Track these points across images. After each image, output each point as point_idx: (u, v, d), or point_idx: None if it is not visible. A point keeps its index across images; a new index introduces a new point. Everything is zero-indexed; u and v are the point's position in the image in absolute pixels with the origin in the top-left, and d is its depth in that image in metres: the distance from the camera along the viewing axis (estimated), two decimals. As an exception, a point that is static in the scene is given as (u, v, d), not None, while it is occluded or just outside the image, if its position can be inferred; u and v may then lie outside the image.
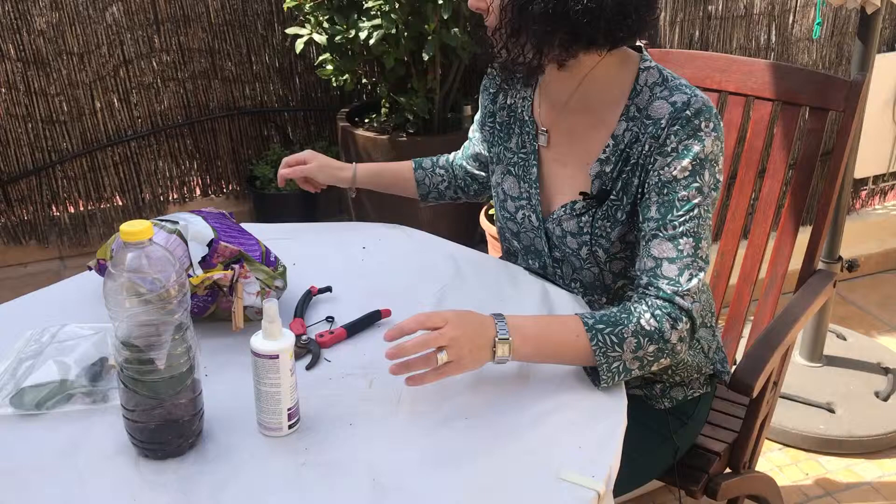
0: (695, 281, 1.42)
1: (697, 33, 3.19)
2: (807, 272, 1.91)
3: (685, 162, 1.42)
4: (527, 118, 1.62)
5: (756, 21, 3.24)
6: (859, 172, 3.33)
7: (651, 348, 1.38)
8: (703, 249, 1.44)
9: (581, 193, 1.53)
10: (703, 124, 1.42)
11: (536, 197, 1.60)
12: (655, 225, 1.43)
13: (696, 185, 1.42)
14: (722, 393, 1.87)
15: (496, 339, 1.33)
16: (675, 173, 1.42)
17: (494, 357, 1.33)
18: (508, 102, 1.66)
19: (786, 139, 1.93)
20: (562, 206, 1.57)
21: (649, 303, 1.41)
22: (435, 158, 1.93)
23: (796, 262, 1.92)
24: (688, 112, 1.42)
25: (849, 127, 1.84)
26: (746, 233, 2.01)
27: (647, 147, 1.46)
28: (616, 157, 1.50)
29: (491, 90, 1.70)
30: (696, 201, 1.42)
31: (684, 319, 1.41)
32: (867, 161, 3.39)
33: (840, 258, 2.65)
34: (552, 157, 1.60)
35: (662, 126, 1.44)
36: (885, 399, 2.70)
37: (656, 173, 1.44)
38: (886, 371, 2.80)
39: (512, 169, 1.64)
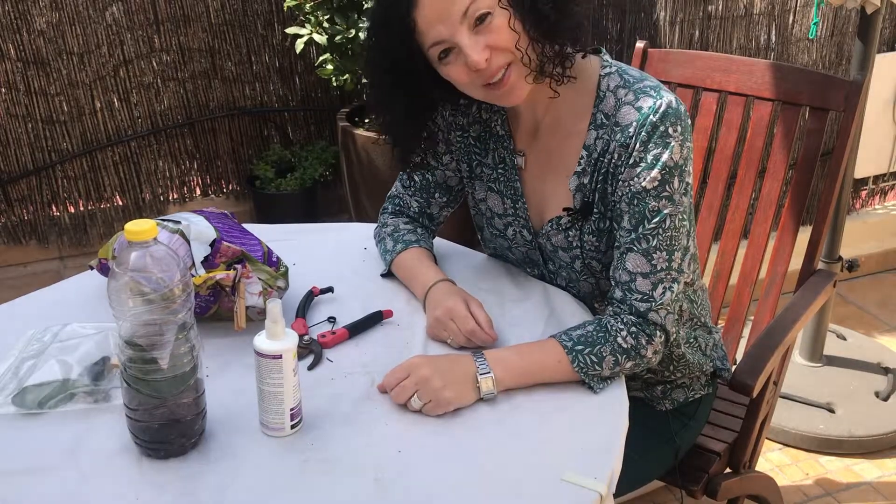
0: (668, 294, 1.43)
1: (697, 33, 3.19)
2: (807, 272, 1.91)
3: (654, 172, 1.40)
4: (502, 133, 1.58)
5: (756, 21, 3.24)
6: (859, 172, 3.33)
7: (628, 364, 1.41)
8: (677, 260, 1.43)
9: (565, 209, 1.52)
10: (670, 129, 1.40)
11: (525, 211, 1.58)
12: (629, 237, 1.43)
13: (665, 194, 1.40)
14: (722, 393, 1.87)
15: (477, 374, 1.34)
16: (644, 184, 1.40)
17: (480, 393, 1.35)
18: (483, 116, 1.60)
19: (786, 139, 1.93)
20: (549, 222, 1.55)
21: (624, 320, 1.43)
22: (420, 231, 1.71)
23: (796, 262, 1.92)
24: (653, 118, 1.39)
25: (849, 127, 1.84)
26: (746, 233, 2.01)
27: (616, 156, 1.44)
28: (591, 167, 1.48)
29: (462, 101, 1.60)
30: (667, 211, 1.41)
31: (658, 334, 1.43)
32: (867, 161, 3.40)
33: (840, 258, 2.65)
34: (533, 176, 1.57)
35: (630, 134, 1.41)
36: (885, 399, 2.70)
37: (626, 184, 1.42)
38: (886, 371, 2.81)
39: (493, 185, 1.61)
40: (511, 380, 1.36)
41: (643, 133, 1.40)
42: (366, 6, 2.83)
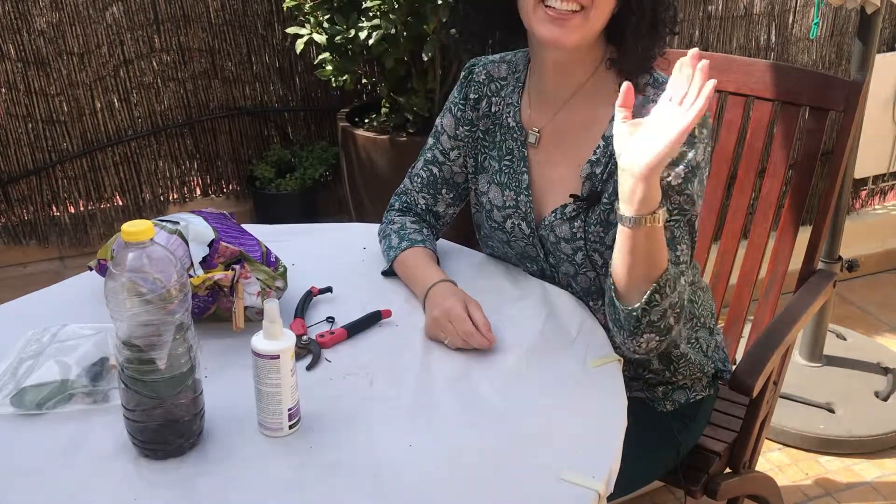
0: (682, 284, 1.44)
1: (697, 33, 3.19)
2: (807, 272, 1.91)
3: (679, 168, 1.41)
4: (514, 124, 1.59)
5: (756, 21, 3.24)
6: (859, 172, 3.33)
7: (671, 319, 1.39)
8: (692, 257, 1.47)
9: (571, 196, 1.52)
10: (696, 129, 1.41)
11: (528, 204, 1.58)
12: None
13: (687, 191, 1.42)
14: (723, 393, 1.87)
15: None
16: (668, 179, 1.41)
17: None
18: (493, 110, 1.62)
19: (786, 139, 1.93)
20: (552, 212, 1.55)
21: None
22: (426, 231, 1.71)
23: (796, 262, 1.92)
24: None
25: (849, 127, 1.84)
26: (746, 233, 2.01)
27: None
28: (606, 158, 1.49)
29: (472, 97, 1.64)
30: (688, 208, 1.43)
31: None
32: (867, 161, 3.39)
33: (840, 258, 2.65)
34: (542, 160, 1.58)
35: None
36: (885, 399, 2.70)
37: None
38: (886, 371, 2.81)
39: (496, 177, 1.62)
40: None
41: None
42: (365, 6, 2.83)
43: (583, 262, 1.55)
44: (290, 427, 1.26)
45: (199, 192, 3.54)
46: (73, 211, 3.39)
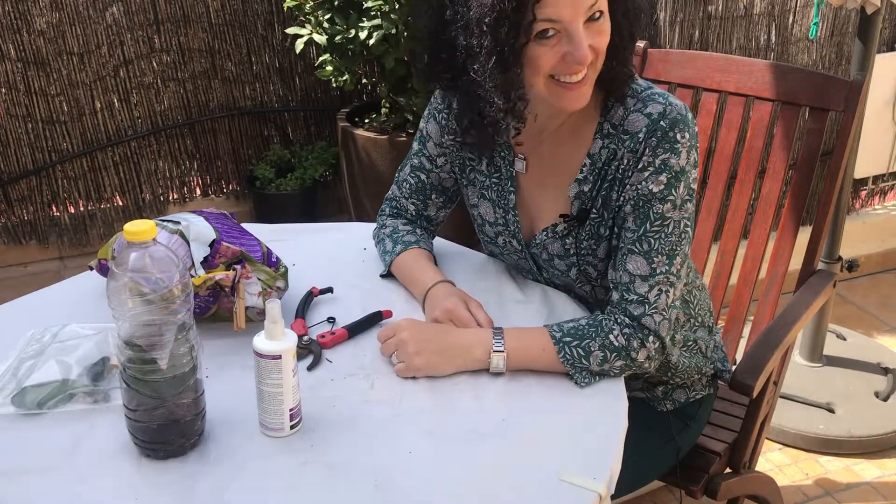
0: (663, 298, 1.42)
1: (697, 33, 3.19)
2: (807, 272, 1.91)
3: (661, 176, 1.41)
4: (502, 141, 1.56)
5: (756, 21, 3.24)
6: (859, 172, 3.33)
7: (618, 363, 1.41)
8: (677, 265, 1.43)
9: (561, 216, 1.51)
10: (678, 135, 1.41)
11: (515, 224, 1.58)
12: (631, 237, 1.43)
13: (671, 198, 1.41)
14: (722, 393, 1.87)
15: (491, 350, 1.39)
16: (651, 187, 1.41)
17: (490, 368, 1.40)
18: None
19: (786, 139, 1.93)
20: (543, 230, 1.55)
21: (618, 320, 1.43)
22: (419, 233, 1.70)
23: (796, 262, 1.92)
24: (663, 123, 1.40)
25: (849, 127, 1.84)
26: (746, 233, 2.01)
27: (625, 161, 1.44)
28: (594, 175, 1.48)
29: (455, 106, 1.57)
30: (670, 215, 1.42)
31: (651, 339, 1.42)
32: (867, 161, 3.39)
33: (840, 258, 2.65)
34: (531, 182, 1.56)
35: (640, 139, 1.42)
36: (885, 399, 2.70)
37: (633, 187, 1.43)
38: (886, 371, 2.81)
39: (486, 193, 1.61)
40: (511, 362, 1.40)
41: (653, 139, 1.41)
42: (366, 6, 2.83)
43: (577, 277, 1.55)
44: (292, 427, 1.26)
45: (199, 192, 3.54)
46: (73, 211, 3.39)
